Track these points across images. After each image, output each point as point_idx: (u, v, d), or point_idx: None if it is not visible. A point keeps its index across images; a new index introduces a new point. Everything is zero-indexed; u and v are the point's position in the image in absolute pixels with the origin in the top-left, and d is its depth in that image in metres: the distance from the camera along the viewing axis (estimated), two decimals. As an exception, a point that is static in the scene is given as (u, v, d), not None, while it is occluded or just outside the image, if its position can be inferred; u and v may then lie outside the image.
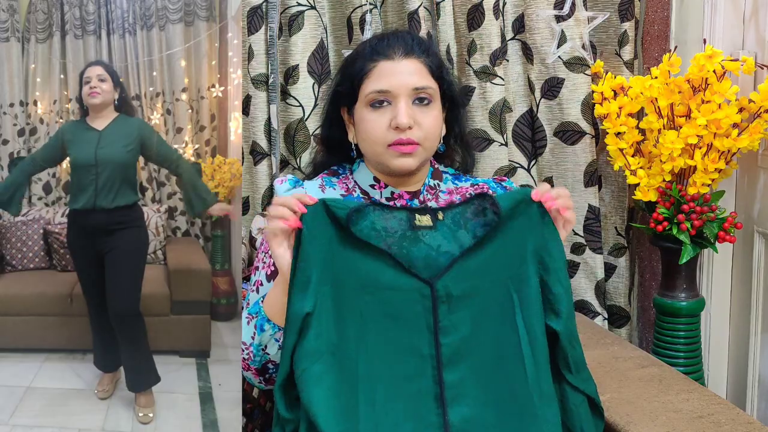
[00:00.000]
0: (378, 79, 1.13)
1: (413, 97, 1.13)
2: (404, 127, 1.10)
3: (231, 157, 2.47)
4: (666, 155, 1.56)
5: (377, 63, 1.14)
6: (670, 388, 1.37)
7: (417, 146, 1.12)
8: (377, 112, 1.13)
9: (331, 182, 1.23)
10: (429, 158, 1.19)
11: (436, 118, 1.15)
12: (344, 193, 1.21)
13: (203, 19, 2.48)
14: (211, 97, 2.51)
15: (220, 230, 2.54)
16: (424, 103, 1.13)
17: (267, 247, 1.19)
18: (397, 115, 1.11)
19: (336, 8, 1.78)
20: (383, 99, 1.13)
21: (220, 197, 2.43)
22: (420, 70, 1.14)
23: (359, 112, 1.16)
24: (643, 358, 1.53)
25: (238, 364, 1.14)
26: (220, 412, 2.09)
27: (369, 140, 1.15)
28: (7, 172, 2.36)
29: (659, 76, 1.58)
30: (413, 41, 1.17)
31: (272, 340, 1.08)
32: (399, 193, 1.20)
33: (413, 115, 1.12)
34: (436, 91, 1.16)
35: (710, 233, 1.58)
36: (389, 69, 1.13)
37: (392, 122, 1.11)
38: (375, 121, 1.13)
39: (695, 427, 1.23)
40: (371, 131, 1.14)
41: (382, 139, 1.12)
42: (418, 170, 1.19)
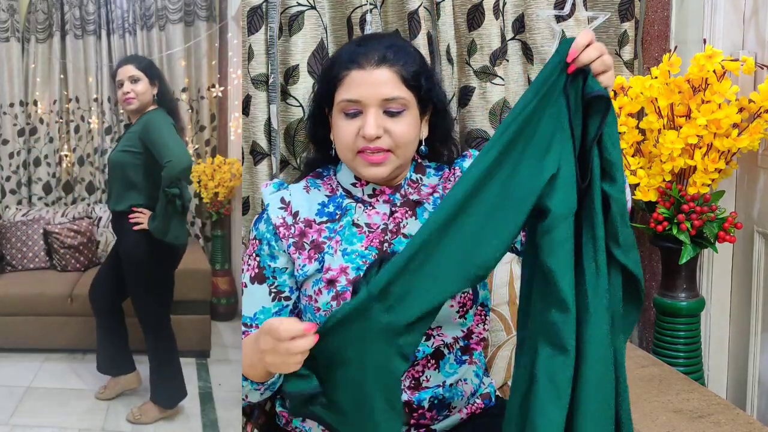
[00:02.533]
0: (349, 88, 1.14)
1: (384, 108, 1.13)
2: (371, 138, 1.11)
3: (231, 157, 2.47)
4: (666, 155, 1.56)
5: (350, 71, 1.14)
6: (670, 388, 1.37)
7: (388, 154, 1.13)
8: (348, 120, 1.14)
9: (315, 183, 1.25)
10: (405, 164, 1.19)
11: (408, 126, 1.15)
12: (329, 193, 1.23)
13: (203, 19, 2.48)
14: (211, 97, 2.51)
15: (220, 230, 2.54)
16: (396, 114, 1.13)
17: (251, 250, 1.21)
18: (364, 125, 1.12)
19: (336, 8, 1.78)
20: (355, 109, 1.13)
21: (220, 197, 2.43)
22: (392, 80, 1.14)
23: (334, 118, 1.18)
24: (643, 358, 1.53)
25: (238, 364, 1.15)
26: (220, 412, 2.09)
27: (340, 146, 1.17)
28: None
29: (659, 76, 1.58)
30: (388, 49, 1.16)
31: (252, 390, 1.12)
32: (380, 189, 1.21)
33: (383, 124, 1.12)
34: (409, 100, 1.15)
35: (710, 233, 1.59)
36: (360, 79, 1.13)
37: (360, 131, 1.12)
38: (345, 128, 1.14)
39: (695, 427, 1.23)
40: (341, 138, 1.15)
41: (351, 146, 1.14)
42: (398, 174, 1.20)
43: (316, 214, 1.20)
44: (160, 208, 1.95)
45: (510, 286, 1.56)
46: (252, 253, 1.21)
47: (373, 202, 1.21)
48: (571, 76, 0.93)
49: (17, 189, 2.51)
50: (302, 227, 1.19)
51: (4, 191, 2.50)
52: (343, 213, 1.20)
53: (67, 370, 2.25)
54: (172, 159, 1.92)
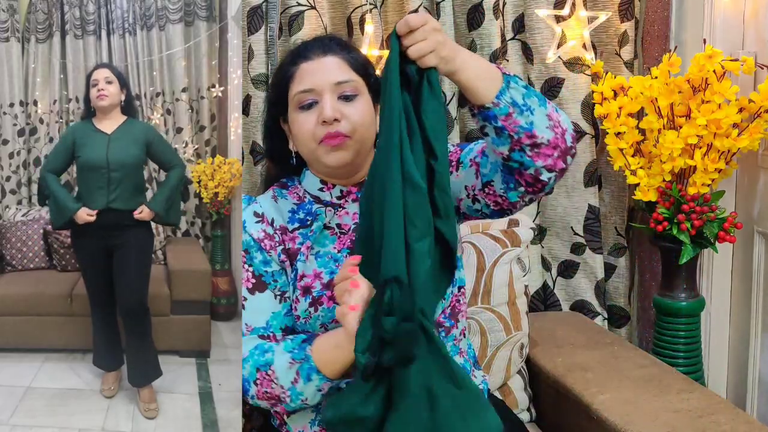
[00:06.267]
0: (301, 80, 1.16)
1: (338, 93, 1.14)
2: (330, 119, 1.12)
3: (231, 157, 2.47)
4: (666, 155, 1.56)
5: (298, 65, 1.17)
6: (670, 388, 1.37)
7: (346, 138, 1.13)
8: (306, 113, 1.15)
9: (282, 193, 1.24)
10: (366, 150, 1.19)
11: (363, 110, 1.16)
12: (296, 201, 1.23)
13: (203, 19, 2.48)
14: (211, 97, 2.51)
15: (220, 230, 2.54)
16: (350, 99, 1.15)
17: (243, 261, 1.20)
18: (322, 109, 1.13)
19: (336, 8, 1.78)
20: (310, 99, 1.15)
21: (220, 197, 2.43)
22: (340, 65, 1.16)
23: (291, 117, 1.18)
24: (643, 358, 1.53)
25: (238, 364, 1.14)
26: (220, 412, 2.09)
27: (301, 139, 1.16)
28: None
29: (659, 76, 1.58)
30: (331, 41, 1.20)
31: (315, 391, 1.08)
32: (347, 189, 1.21)
33: (339, 109, 1.13)
34: (361, 84, 1.17)
35: (710, 233, 1.58)
36: (310, 68, 1.16)
37: (319, 118, 1.13)
38: (304, 120, 1.15)
39: (695, 427, 1.23)
40: (301, 130, 1.15)
41: (312, 136, 1.14)
42: (361, 164, 1.19)
43: (288, 222, 1.20)
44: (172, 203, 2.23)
45: (510, 286, 1.56)
46: (244, 264, 1.19)
47: (342, 203, 1.20)
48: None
49: (17, 189, 2.51)
50: (281, 234, 1.19)
51: (4, 191, 2.50)
52: (314, 218, 1.20)
53: (67, 370, 2.25)
54: (180, 163, 2.23)
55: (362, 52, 1.25)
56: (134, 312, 2.13)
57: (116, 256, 2.12)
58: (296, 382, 1.07)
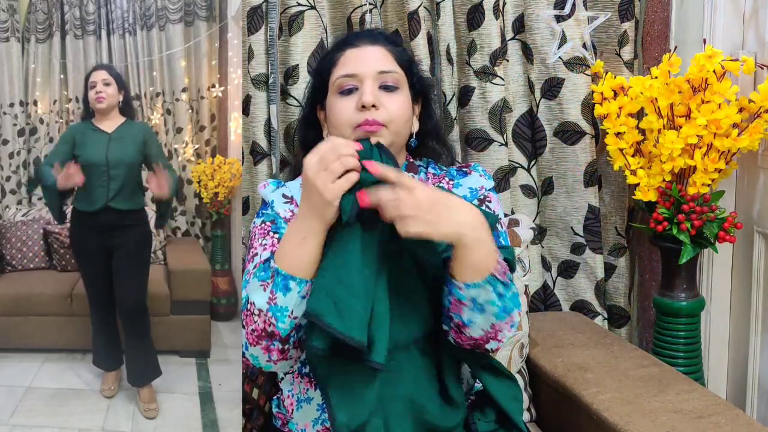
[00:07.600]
0: (344, 64, 1.17)
1: (379, 82, 1.15)
2: (368, 104, 1.12)
3: (231, 157, 2.47)
4: (666, 155, 1.56)
5: (344, 51, 1.18)
6: (670, 388, 1.37)
7: (382, 127, 1.13)
8: (346, 98, 1.15)
9: None
10: (399, 144, 1.19)
11: (402, 104, 1.16)
12: None
13: (203, 19, 2.48)
14: (211, 97, 2.51)
15: (220, 230, 2.54)
16: (390, 90, 1.16)
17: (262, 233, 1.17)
18: (362, 95, 1.13)
19: (336, 8, 1.78)
20: (351, 85, 1.15)
21: (220, 197, 2.44)
22: (385, 56, 1.18)
23: (330, 102, 1.19)
24: (643, 358, 1.53)
25: (238, 364, 1.14)
26: (220, 412, 2.10)
27: (337, 124, 1.16)
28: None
29: (659, 76, 1.58)
30: (379, 34, 1.22)
31: (298, 298, 1.02)
32: None
33: (379, 98, 1.14)
34: (402, 77, 1.18)
35: (710, 233, 1.58)
36: (355, 55, 1.17)
37: (358, 103, 1.13)
38: (343, 105, 1.15)
39: (695, 427, 1.23)
40: (339, 114, 1.16)
41: (349, 121, 1.14)
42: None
43: None
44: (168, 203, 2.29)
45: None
46: (266, 233, 1.16)
47: None
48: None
49: (17, 189, 2.51)
50: None
51: (4, 191, 2.50)
52: None
53: (67, 370, 2.25)
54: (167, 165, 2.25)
55: (408, 51, 1.26)
56: (133, 312, 2.14)
57: (115, 256, 2.14)
58: (274, 299, 1.02)
